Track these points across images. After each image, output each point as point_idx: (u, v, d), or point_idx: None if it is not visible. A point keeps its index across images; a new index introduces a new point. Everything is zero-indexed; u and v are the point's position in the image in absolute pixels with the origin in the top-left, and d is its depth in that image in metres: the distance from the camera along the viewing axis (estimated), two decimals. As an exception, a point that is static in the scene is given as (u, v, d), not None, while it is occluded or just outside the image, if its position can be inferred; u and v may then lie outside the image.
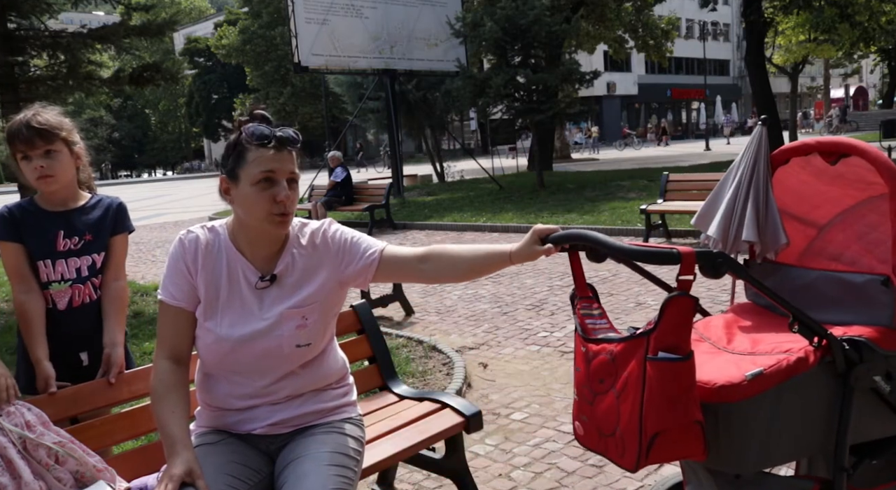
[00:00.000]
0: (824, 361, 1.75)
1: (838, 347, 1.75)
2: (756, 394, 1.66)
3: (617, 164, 23.46)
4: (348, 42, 15.13)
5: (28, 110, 2.23)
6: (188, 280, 1.80)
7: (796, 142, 2.17)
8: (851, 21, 18.36)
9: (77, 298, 2.31)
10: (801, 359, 1.73)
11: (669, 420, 1.56)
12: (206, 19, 64.56)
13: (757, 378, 1.67)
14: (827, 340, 1.74)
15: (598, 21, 21.52)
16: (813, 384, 1.75)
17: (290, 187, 1.75)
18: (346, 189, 12.57)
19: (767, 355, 1.78)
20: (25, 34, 7.63)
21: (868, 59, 42.32)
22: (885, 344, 1.82)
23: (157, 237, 13.27)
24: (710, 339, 2.02)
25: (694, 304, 1.56)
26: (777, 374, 1.69)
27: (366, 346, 2.81)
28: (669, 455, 1.62)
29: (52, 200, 2.31)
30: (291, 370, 1.85)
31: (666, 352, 1.55)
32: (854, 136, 33.43)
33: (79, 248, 2.30)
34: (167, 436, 1.70)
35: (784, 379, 1.70)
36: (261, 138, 1.71)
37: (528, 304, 6.09)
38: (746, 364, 1.74)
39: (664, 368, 1.54)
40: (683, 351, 1.56)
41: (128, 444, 2.56)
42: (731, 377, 1.67)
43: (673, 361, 1.54)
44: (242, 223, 1.81)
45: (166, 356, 1.81)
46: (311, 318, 1.83)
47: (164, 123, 64.27)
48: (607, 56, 30.73)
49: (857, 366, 1.77)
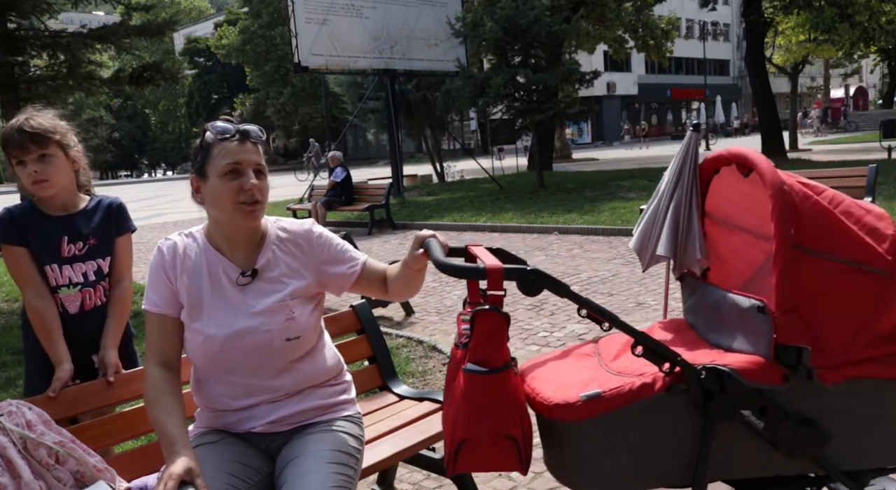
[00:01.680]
0: (676, 389, 1.64)
1: (692, 376, 1.63)
2: (592, 416, 1.61)
3: (617, 164, 23.46)
4: (348, 42, 15.13)
5: (22, 114, 2.21)
6: (169, 287, 1.83)
7: (716, 152, 2.00)
8: (851, 21, 18.36)
9: (88, 302, 2.30)
10: (647, 384, 1.63)
11: (474, 429, 1.57)
12: (206, 19, 64.58)
13: (593, 400, 1.61)
14: (680, 367, 1.64)
15: (598, 21, 21.51)
16: (662, 412, 1.64)
17: (257, 178, 1.77)
18: (347, 189, 12.58)
19: (626, 377, 1.70)
20: (25, 34, 7.64)
21: (868, 59, 42.32)
22: (757, 376, 1.64)
23: (157, 237, 13.28)
24: (601, 354, 1.94)
25: (504, 321, 1.54)
26: (617, 397, 1.62)
27: (366, 346, 2.81)
28: (477, 464, 1.62)
29: (51, 205, 2.29)
30: (284, 366, 1.85)
31: (476, 364, 1.55)
32: (854, 136, 33.46)
33: (83, 254, 2.30)
34: (165, 436, 1.70)
35: (624, 404, 1.62)
36: (223, 132, 1.76)
37: (527, 304, 6.09)
38: (607, 383, 1.68)
39: (470, 379, 1.56)
40: (491, 365, 1.55)
41: (128, 444, 2.56)
42: (568, 397, 1.63)
43: (478, 374, 1.55)
44: (217, 221, 1.84)
45: (156, 363, 1.82)
46: (298, 312, 1.84)
47: (164, 123, 64.23)
48: (607, 56, 30.73)
49: (715, 397, 1.63)
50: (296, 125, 47.31)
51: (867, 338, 1.66)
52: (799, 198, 1.67)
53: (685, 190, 2.03)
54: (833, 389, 1.66)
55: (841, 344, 1.66)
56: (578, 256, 8.18)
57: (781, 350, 1.64)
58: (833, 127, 38.19)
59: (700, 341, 1.92)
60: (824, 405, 1.68)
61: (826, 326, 1.65)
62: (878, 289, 1.65)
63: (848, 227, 1.68)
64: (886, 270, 1.65)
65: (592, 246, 8.79)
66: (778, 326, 1.64)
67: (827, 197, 1.72)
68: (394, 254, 9.14)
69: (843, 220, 1.68)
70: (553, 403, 1.65)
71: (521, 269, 1.54)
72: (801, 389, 1.66)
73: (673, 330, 2.04)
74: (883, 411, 1.71)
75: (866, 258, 1.65)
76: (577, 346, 2.04)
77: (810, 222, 1.66)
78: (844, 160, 16.20)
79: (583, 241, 9.17)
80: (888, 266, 1.65)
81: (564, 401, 1.63)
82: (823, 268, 1.65)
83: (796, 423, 1.65)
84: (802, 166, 14.56)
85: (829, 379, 1.65)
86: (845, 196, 1.74)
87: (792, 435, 1.64)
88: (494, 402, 1.57)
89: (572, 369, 1.85)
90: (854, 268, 1.65)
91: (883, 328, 1.67)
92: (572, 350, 2.01)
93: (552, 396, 1.66)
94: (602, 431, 1.63)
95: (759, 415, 1.64)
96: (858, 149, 22.66)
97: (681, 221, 2.03)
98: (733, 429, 1.66)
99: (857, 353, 1.66)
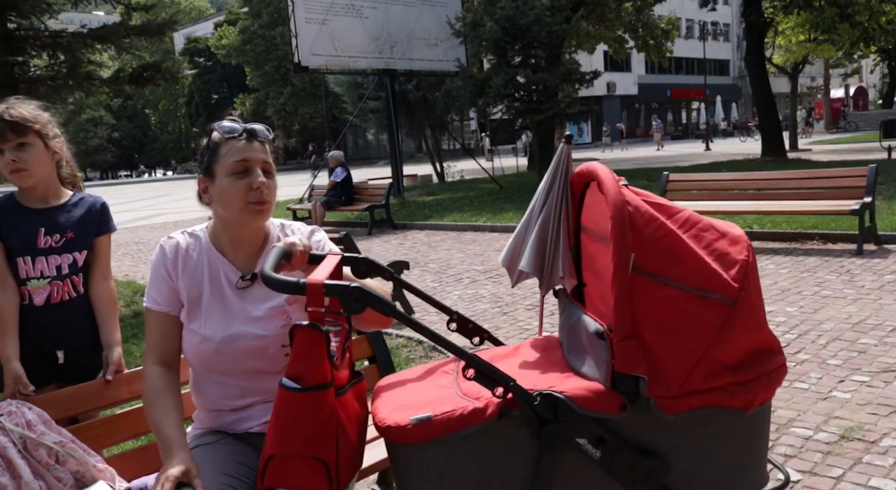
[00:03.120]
0: (511, 415, 1.56)
1: (525, 401, 1.55)
2: (424, 440, 1.55)
3: (617, 164, 23.46)
4: (348, 42, 15.14)
5: (2, 104, 2.22)
6: (170, 285, 1.82)
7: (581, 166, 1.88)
8: (851, 21, 18.36)
9: (55, 295, 2.29)
10: (478, 409, 1.56)
11: (279, 447, 1.51)
12: (206, 19, 64.61)
13: (424, 423, 1.55)
14: (513, 393, 1.56)
15: (598, 21, 21.50)
16: (495, 438, 1.57)
17: (265, 177, 1.77)
18: (347, 189, 12.58)
19: (467, 400, 1.62)
20: (25, 34, 7.63)
21: (868, 59, 42.31)
22: (593, 404, 1.55)
23: (157, 237, 13.28)
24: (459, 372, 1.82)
25: (323, 338, 1.48)
26: (447, 422, 1.55)
27: (366, 346, 2.81)
28: (283, 482, 1.54)
29: (31, 196, 2.29)
30: (280, 369, 1.84)
31: (291, 380, 1.49)
32: (854, 136, 33.45)
33: (60, 246, 2.29)
34: (162, 437, 1.70)
35: (456, 428, 1.55)
36: (230, 131, 1.76)
37: (527, 304, 6.09)
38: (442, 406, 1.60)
39: (280, 395, 1.50)
40: (307, 382, 1.49)
41: (128, 444, 2.56)
42: (400, 419, 1.58)
43: (288, 390, 1.49)
44: (223, 222, 1.83)
45: (156, 361, 1.82)
46: (295, 318, 1.83)
47: (164, 123, 64.28)
48: (607, 56, 30.72)
49: (549, 423, 1.55)
50: (296, 125, 47.35)
51: (709, 368, 1.57)
52: (643, 220, 1.57)
53: (555, 204, 1.92)
54: (673, 419, 1.57)
55: (682, 373, 1.56)
56: (578, 256, 8.17)
57: (618, 378, 1.55)
58: (811, 127, 38.03)
59: (560, 363, 1.83)
60: (665, 435, 1.59)
61: (666, 355, 1.55)
62: (721, 317, 1.55)
63: (694, 252, 1.58)
64: (731, 299, 1.56)
65: (592, 246, 8.77)
66: (616, 353, 1.55)
67: (680, 219, 1.62)
68: (394, 254, 9.14)
69: (689, 245, 1.59)
70: (385, 425, 1.59)
71: (342, 286, 1.48)
72: (641, 419, 1.57)
73: (541, 349, 1.95)
74: (725, 441, 1.63)
75: (710, 286, 1.55)
76: (444, 363, 1.97)
77: (653, 245, 1.56)
78: (844, 160, 16.20)
79: (583, 241, 9.15)
80: (733, 294, 1.56)
81: (396, 423, 1.57)
82: (664, 294, 1.56)
83: (635, 453, 1.57)
84: (802, 166, 14.56)
85: (670, 409, 1.56)
86: (703, 218, 1.65)
87: (630, 466, 1.56)
88: (303, 422, 1.50)
89: (422, 389, 1.78)
90: (697, 295, 1.55)
91: (726, 358, 1.57)
92: (436, 367, 1.95)
93: (386, 418, 1.60)
94: (434, 456, 1.57)
95: (596, 444, 1.56)
96: (858, 149, 22.66)
97: (549, 237, 1.92)
98: (572, 457, 1.58)
99: (699, 384, 1.56)
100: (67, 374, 2.31)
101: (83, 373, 2.28)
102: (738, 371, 1.58)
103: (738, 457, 1.65)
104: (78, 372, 2.29)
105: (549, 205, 1.92)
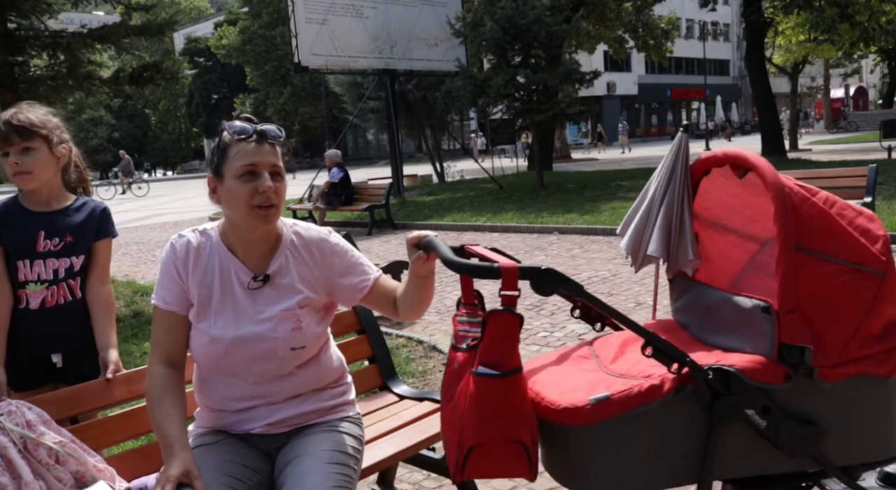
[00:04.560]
0: (685, 390, 1.64)
1: (700, 376, 1.63)
2: (602, 419, 1.60)
3: (617, 164, 23.46)
4: (348, 42, 15.13)
5: (14, 108, 2.25)
6: (179, 284, 1.81)
7: (710, 152, 2.00)
8: (851, 21, 18.37)
9: (50, 299, 2.29)
10: (655, 386, 1.62)
11: (484, 435, 1.54)
12: (206, 19, 64.56)
13: (602, 403, 1.60)
14: (688, 368, 1.63)
15: (598, 21, 21.52)
16: (671, 413, 1.64)
17: (274, 180, 1.75)
18: (346, 189, 12.57)
19: (632, 379, 1.69)
20: (25, 34, 7.64)
21: (868, 59, 42.31)
22: (761, 375, 1.65)
23: (157, 237, 13.28)
24: (599, 356, 1.93)
25: (517, 322, 1.51)
26: (626, 400, 1.61)
27: (366, 346, 2.81)
28: (486, 471, 1.60)
29: (34, 200, 2.31)
30: (288, 372, 1.84)
31: (487, 367, 1.52)
32: (854, 136, 33.46)
33: (58, 250, 2.30)
34: (164, 437, 1.70)
35: (634, 406, 1.61)
36: (241, 132, 1.74)
37: (527, 304, 6.09)
38: (614, 386, 1.67)
39: (480, 383, 1.52)
40: (504, 367, 1.53)
41: (128, 444, 2.56)
42: (576, 400, 1.62)
43: (490, 377, 1.52)
44: (232, 222, 1.82)
45: (160, 360, 1.81)
46: (305, 321, 1.83)
47: (164, 123, 64.22)
48: (607, 56, 30.75)
49: (722, 397, 1.64)
50: (296, 125, 47.32)
51: (863, 337, 1.70)
52: (798, 199, 1.69)
53: (677, 191, 2.03)
54: (830, 387, 1.69)
55: (840, 343, 1.69)
56: (578, 256, 8.18)
57: (785, 350, 1.66)
58: (810, 128, 37.97)
59: (695, 342, 1.93)
60: (822, 403, 1.71)
61: (826, 326, 1.68)
62: (873, 289, 1.69)
63: (844, 229, 1.70)
64: (881, 271, 1.69)
65: (592, 246, 8.79)
66: (782, 326, 1.65)
67: (821, 198, 1.74)
68: (394, 254, 9.14)
69: (839, 222, 1.71)
70: (561, 407, 1.63)
71: (537, 269, 1.52)
72: (801, 388, 1.69)
73: (664, 330, 2.02)
74: (873, 408, 1.75)
75: (862, 259, 1.69)
76: (572, 349, 2.03)
77: (810, 224, 1.68)
78: (844, 160, 16.20)
79: (583, 241, 9.17)
80: (882, 266, 1.69)
81: (573, 404, 1.62)
82: (824, 269, 1.68)
83: (796, 421, 1.68)
84: (802, 166, 14.56)
85: (829, 377, 1.69)
86: (837, 197, 1.77)
87: (792, 433, 1.67)
88: (506, 407, 1.54)
89: (572, 372, 1.83)
90: (852, 268, 1.68)
91: (875, 327, 1.71)
92: (568, 353, 2.00)
93: (558, 400, 1.65)
94: (611, 434, 1.62)
95: (762, 414, 1.66)
96: (858, 149, 22.66)
97: (673, 222, 2.02)
98: (737, 428, 1.68)
99: (855, 352, 1.70)
100: (67, 379, 2.30)
101: (82, 376, 2.27)
102: (883, 340, 1.73)
103: (882, 422, 1.78)
104: (76, 375, 2.29)
105: (671, 191, 2.03)
